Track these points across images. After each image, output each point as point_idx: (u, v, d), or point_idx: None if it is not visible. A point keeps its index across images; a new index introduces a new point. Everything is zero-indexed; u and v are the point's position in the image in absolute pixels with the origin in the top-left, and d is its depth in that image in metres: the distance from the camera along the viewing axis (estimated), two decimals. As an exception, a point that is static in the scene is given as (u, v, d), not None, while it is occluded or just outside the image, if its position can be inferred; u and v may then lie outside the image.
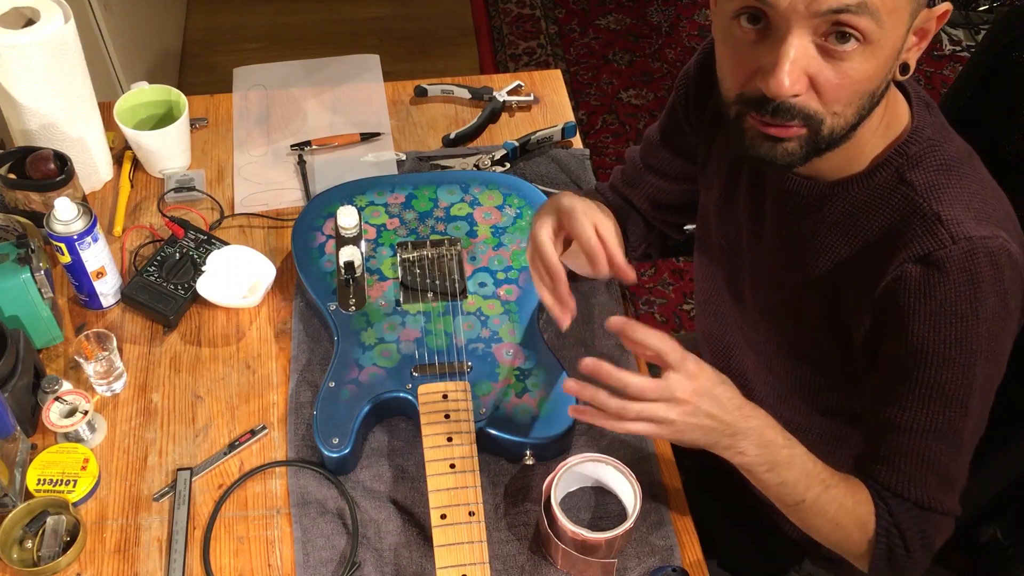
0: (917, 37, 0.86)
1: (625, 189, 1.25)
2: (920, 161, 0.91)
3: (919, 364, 0.91)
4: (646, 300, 2.39)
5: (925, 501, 0.96)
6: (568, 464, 1.07)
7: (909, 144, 0.92)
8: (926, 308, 0.89)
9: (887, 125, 0.93)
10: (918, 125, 0.93)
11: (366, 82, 1.60)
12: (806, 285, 1.00)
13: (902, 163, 0.92)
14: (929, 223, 0.89)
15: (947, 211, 0.88)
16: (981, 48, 1.13)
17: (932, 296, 0.88)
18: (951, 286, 0.88)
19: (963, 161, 0.93)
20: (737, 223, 1.08)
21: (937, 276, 0.88)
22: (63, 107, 1.33)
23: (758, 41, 0.83)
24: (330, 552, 1.07)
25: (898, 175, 0.92)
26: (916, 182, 0.91)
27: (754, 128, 0.87)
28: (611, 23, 3.09)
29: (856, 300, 0.95)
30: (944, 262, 0.87)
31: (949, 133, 0.95)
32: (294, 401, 1.20)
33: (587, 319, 1.28)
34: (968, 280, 0.87)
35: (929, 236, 0.88)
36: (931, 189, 0.90)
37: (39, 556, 1.06)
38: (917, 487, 0.96)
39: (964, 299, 0.88)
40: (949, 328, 0.89)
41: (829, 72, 0.82)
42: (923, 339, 0.90)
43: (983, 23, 3.01)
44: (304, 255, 1.28)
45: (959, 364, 0.90)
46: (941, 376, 0.91)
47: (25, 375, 1.14)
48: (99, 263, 1.23)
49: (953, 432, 0.94)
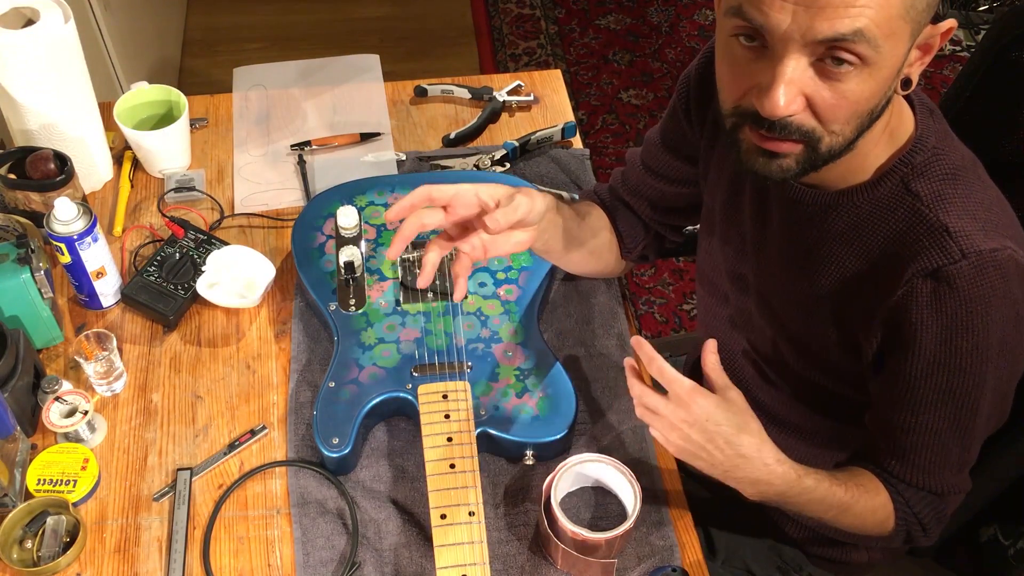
0: (920, 52, 0.85)
1: (625, 193, 1.25)
2: (925, 170, 0.91)
3: (930, 374, 0.93)
4: (646, 300, 2.39)
5: (939, 488, 1.00)
6: (568, 464, 1.07)
7: (914, 153, 0.92)
8: (937, 322, 0.90)
9: (891, 134, 0.92)
10: (922, 133, 0.92)
11: (366, 82, 1.60)
12: (813, 294, 1.00)
13: (907, 172, 0.92)
14: (937, 236, 0.89)
15: (955, 223, 0.88)
16: (981, 48, 1.13)
17: (943, 311, 0.89)
18: (961, 301, 0.88)
19: (967, 169, 0.93)
20: (742, 228, 1.08)
21: (948, 291, 0.88)
22: (63, 107, 1.33)
23: (755, 59, 0.83)
24: (330, 552, 1.07)
25: (903, 185, 0.92)
26: (922, 192, 0.91)
27: (750, 141, 0.87)
28: (611, 23, 3.09)
29: (865, 313, 0.95)
30: (955, 278, 0.88)
31: (953, 140, 0.95)
32: (294, 401, 1.20)
33: (587, 319, 1.28)
34: (979, 295, 0.88)
35: (938, 250, 0.88)
36: (937, 199, 0.90)
37: (39, 556, 1.06)
38: (932, 478, 0.99)
39: (975, 313, 0.89)
40: (960, 340, 0.90)
41: (826, 92, 0.82)
42: (934, 352, 0.91)
43: (983, 23, 3.01)
44: (304, 255, 1.28)
45: (970, 372, 0.92)
46: (952, 383, 0.93)
47: (25, 375, 1.14)
48: (99, 263, 1.23)
49: (965, 428, 0.96)
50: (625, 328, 1.28)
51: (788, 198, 0.98)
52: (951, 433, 0.96)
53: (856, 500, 0.98)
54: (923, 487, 0.99)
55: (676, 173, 1.19)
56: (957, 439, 0.97)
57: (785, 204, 1.00)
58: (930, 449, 0.97)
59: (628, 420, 1.19)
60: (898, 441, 0.98)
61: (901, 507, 1.00)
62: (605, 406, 1.20)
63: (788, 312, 1.04)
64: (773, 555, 1.28)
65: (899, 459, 0.99)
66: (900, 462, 0.99)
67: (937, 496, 1.00)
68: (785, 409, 1.14)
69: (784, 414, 1.14)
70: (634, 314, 1.35)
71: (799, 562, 1.27)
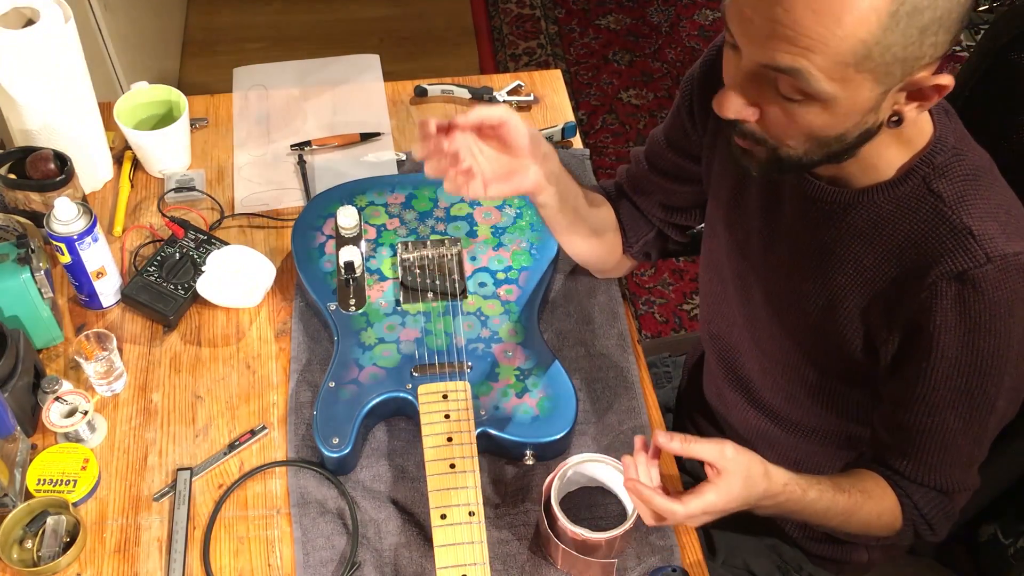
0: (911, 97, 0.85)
1: (631, 190, 1.25)
2: (946, 171, 0.91)
3: (951, 375, 0.93)
4: (646, 300, 2.39)
5: (948, 486, 1.00)
6: (568, 464, 1.07)
7: (935, 154, 0.92)
8: (961, 325, 0.90)
9: (909, 135, 0.92)
10: (941, 133, 0.92)
11: (366, 82, 1.60)
12: (827, 293, 1.00)
13: (928, 172, 0.92)
14: (961, 238, 0.89)
15: (978, 225, 0.89)
16: (979, 49, 1.13)
17: (967, 314, 0.89)
18: (986, 304, 0.89)
19: (987, 170, 0.94)
20: (747, 226, 1.08)
21: (973, 294, 0.88)
22: (63, 107, 1.33)
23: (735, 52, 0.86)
24: (330, 552, 1.07)
25: (925, 185, 0.92)
26: (944, 193, 0.91)
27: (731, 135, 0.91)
28: (611, 23, 3.09)
29: (884, 313, 0.96)
30: (980, 281, 0.88)
31: (970, 140, 0.95)
32: (294, 401, 1.20)
33: (587, 319, 1.28)
34: (1003, 297, 0.88)
35: (963, 252, 0.88)
36: (959, 200, 0.90)
37: (39, 556, 1.06)
38: (941, 476, 0.99)
39: (999, 316, 0.89)
40: (982, 343, 0.91)
41: (776, 110, 0.84)
42: (956, 354, 0.92)
43: (983, 23, 3.01)
44: (304, 255, 1.28)
45: (990, 373, 0.92)
46: (971, 384, 0.93)
47: (25, 375, 1.14)
48: (99, 263, 1.23)
49: (979, 427, 0.96)
50: (625, 328, 1.28)
51: (806, 195, 0.98)
52: (964, 432, 0.97)
53: (860, 506, 0.99)
54: (931, 485, 1.00)
55: (680, 171, 1.19)
56: (969, 437, 0.97)
57: (801, 201, 0.99)
58: (941, 448, 0.97)
59: (628, 420, 1.19)
60: (910, 440, 0.98)
61: (908, 508, 1.01)
62: (605, 406, 1.20)
63: (797, 310, 1.04)
64: (773, 555, 1.28)
65: (909, 458, 0.99)
66: (909, 460, 0.99)
67: (945, 494, 1.01)
68: (788, 406, 1.14)
69: (787, 411, 1.14)
70: (634, 314, 1.35)
71: (799, 562, 1.27)
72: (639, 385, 1.22)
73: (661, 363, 1.52)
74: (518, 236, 1.30)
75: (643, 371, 1.25)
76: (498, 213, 1.33)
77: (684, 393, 1.43)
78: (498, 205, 1.34)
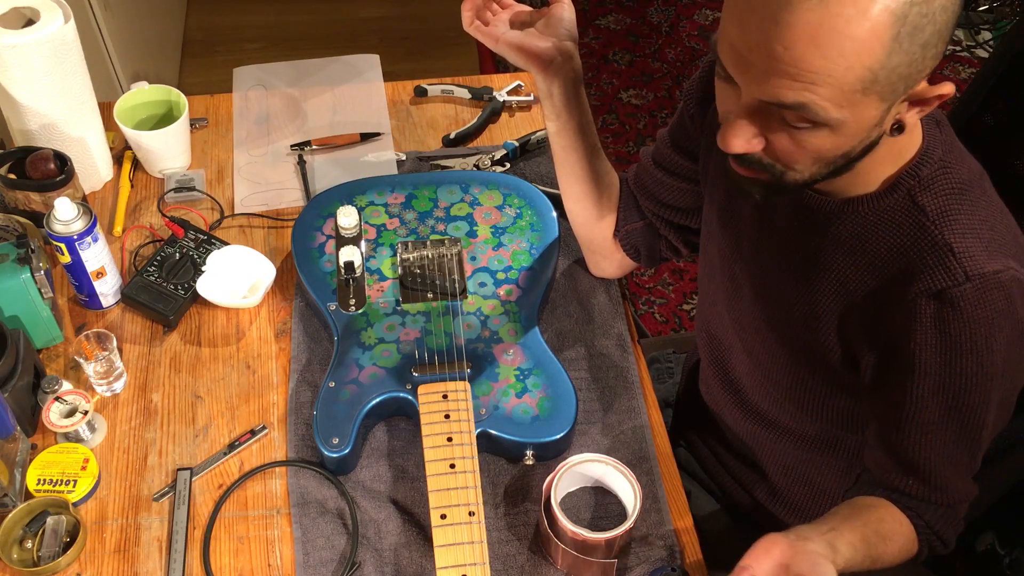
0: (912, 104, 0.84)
1: (633, 183, 1.25)
2: (932, 184, 0.91)
3: (935, 393, 0.93)
4: (646, 300, 2.39)
5: (952, 500, 1.00)
6: (568, 464, 1.07)
7: (921, 166, 0.91)
8: (941, 344, 0.90)
9: (899, 147, 0.91)
10: (929, 145, 0.92)
11: (366, 82, 1.60)
12: (811, 301, 1.00)
13: (913, 185, 0.91)
14: (941, 255, 0.88)
15: (959, 242, 0.88)
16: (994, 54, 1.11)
17: (947, 333, 0.89)
18: (965, 324, 0.88)
19: (974, 184, 0.93)
20: (739, 230, 1.08)
21: (952, 313, 0.88)
22: (63, 107, 1.33)
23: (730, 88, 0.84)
24: (330, 552, 1.07)
25: (910, 198, 0.91)
26: (928, 207, 0.90)
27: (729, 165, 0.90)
28: (611, 23, 3.09)
29: (863, 327, 0.95)
30: (959, 300, 0.87)
31: (960, 152, 0.94)
32: (294, 401, 1.20)
33: (587, 319, 1.28)
34: (983, 316, 0.88)
35: (942, 270, 0.88)
36: (943, 216, 0.90)
37: (39, 556, 1.06)
38: (946, 492, 0.99)
39: (979, 334, 0.88)
40: (964, 362, 0.90)
41: (784, 139, 0.83)
42: (938, 372, 0.91)
43: (983, 23, 3.01)
44: (304, 255, 1.28)
45: (975, 391, 0.92)
46: (959, 402, 0.93)
47: (25, 375, 1.14)
48: (99, 263, 1.23)
49: (972, 440, 0.96)
50: (625, 328, 1.28)
51: (795, 202, 0.98)
52: (959, 447, 0.96)
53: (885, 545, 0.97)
54: (939, 502, 1.00)
55: (680, 169, 1.19)
56: (965, 451, 0.97)
57: (792, 207, 0.99)
58: (943, 466, 0.97)
59: (628, 420, 1.19)
60: (911, 462, 0.98)
61: (923, 529, 1.00)
62: (605, 406, 1.20)
63: (782, 315, 1.04)
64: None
65: (915, 477, 0.99)
66: (915, 480, 0.99)
67: (951, 507, 1.01)
68: (774, 409, 1.13)
69: (774, 415, 1.14)
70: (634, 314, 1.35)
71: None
72: (639, 385, 1.22)
73: (664, 358, 1.52)
74: (518, 236, 1.30)
75: (643, 371, 1.25)
76: (498, 213, 1.33)
77: (682, 394, 1.43)
78: (498, 205, 1.34)
